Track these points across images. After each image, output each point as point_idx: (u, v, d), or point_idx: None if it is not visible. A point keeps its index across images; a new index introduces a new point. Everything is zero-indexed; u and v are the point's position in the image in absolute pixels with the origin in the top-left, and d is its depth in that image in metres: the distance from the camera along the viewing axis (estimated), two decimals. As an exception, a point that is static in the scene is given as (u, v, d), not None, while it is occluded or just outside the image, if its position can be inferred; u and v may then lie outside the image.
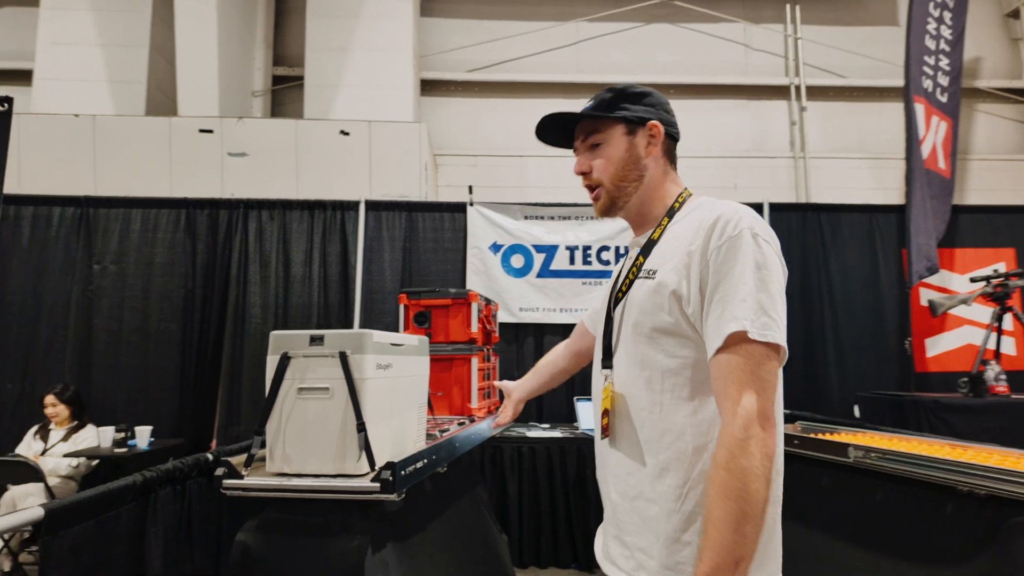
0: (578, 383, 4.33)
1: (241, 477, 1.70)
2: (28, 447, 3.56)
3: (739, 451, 0.86)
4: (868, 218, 4.55)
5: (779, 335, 0.91)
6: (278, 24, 5.61)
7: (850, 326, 4.37)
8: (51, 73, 4.74)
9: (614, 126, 1.12)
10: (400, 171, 4.42)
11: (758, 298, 0.91)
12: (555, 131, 1.18)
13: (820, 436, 2.62)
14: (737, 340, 0.90)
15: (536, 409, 4.36)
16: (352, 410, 1.65)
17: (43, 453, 3.51)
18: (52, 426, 3.62)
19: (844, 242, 4.50)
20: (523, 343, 4.39)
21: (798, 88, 5.92)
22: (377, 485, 1.57)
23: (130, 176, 4.36)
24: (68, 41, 4.78)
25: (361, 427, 1.65)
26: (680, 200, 1.11)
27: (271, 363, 1.72)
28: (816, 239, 4.50)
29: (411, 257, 4.30)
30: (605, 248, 4.39)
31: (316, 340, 1.72)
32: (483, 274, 4.31)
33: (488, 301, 3.17)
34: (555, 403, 4.33)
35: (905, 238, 4.42)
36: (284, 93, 5.51)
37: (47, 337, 4.08)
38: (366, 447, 1.65)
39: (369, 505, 1.67)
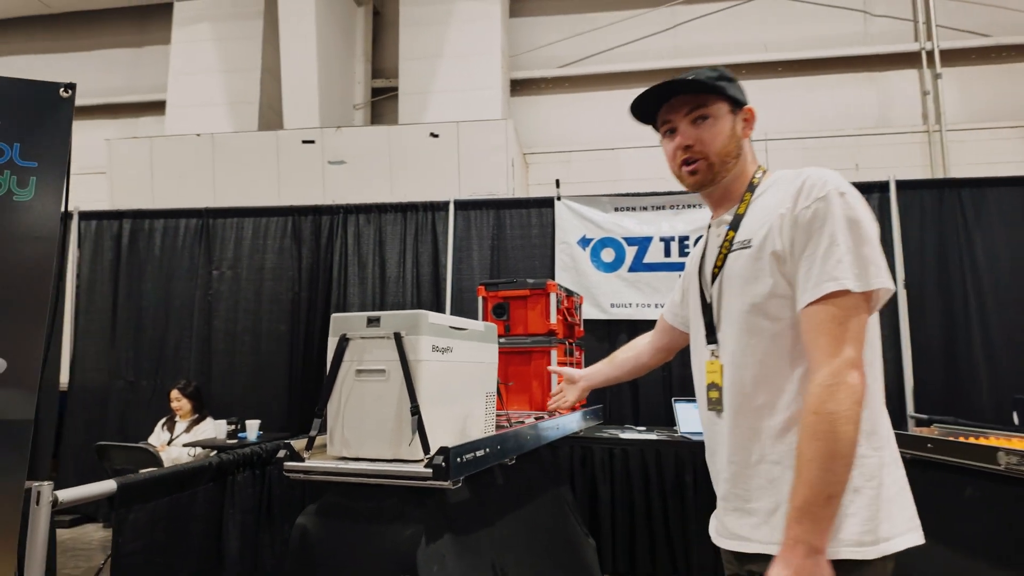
0: (676, 385, 4.06)
1: (302, 460, 1.71)
2: (157, 437, 3.91)
3: (828, 396, 0.91)
4: (1021, 193, 3.89)
5: (884, 279, 0.96)
6: (376, 39, 5.86)
7: (1001, 318, 3.75)
8: (180, 100, 5.26)
9: (721, 103, 1.15)
10: (488, 169, 4.41)
11: (858, 253, 0.95)
12: (652, 103, 1.18)
13: (963, 440, 2.23)
14: (832, 295, 0.94)
15: (632, 411, 4.14)
16: (407, 393, 1.61)
17: (169, 443, 3.83)
18: (177, 418, 3.96)
19: (991, 222, 3.87)
20: (615, 341, 4.19)
21: (930, 53, 5.23)
22: (429, 471, 1.50)
23: (244, 187, 4.71)
24: (193, 70, 5.27)
25: (415, 410, 1.59)
26: (757, 177, 1.17)
27: (331, 345, 1.72)
28: (956, 219, 3.91)
29: (499, 255, 4.26)
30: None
31: (373, 321, 1.70)
32: (572, 270, 4.18)
33: (570, 293, 3.04)
34: (652, 405, 4.09)
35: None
36: (383, 104, 5.73)
37: (175, 338, 4.48)
38: (420, 431, 1.59)
39: (425, 493, 1.61)
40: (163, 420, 4.00)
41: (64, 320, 4.56)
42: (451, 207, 4.30)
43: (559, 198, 4.24)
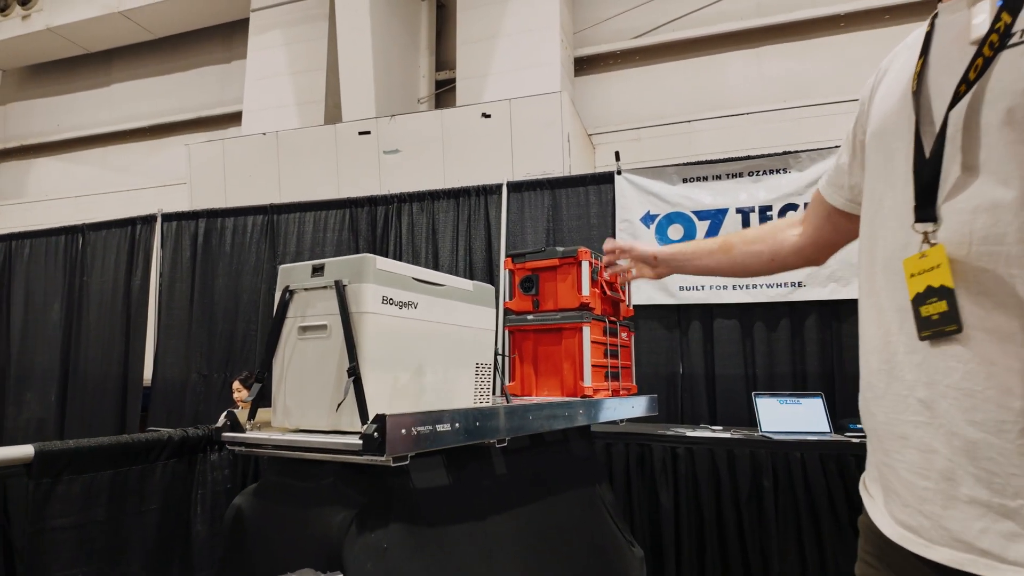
0: (762, 379, 3.51)
1: (243, 431, 1.49)
2: (218, 427, 3.96)
3: None
4: None
5: None
6: (440, 31, 5.77)
7: None
8: (254, 105, 5.45)
9: None
10: (542, 148, 4.11)
11: None
12: None
13: None
14: None
15: (709, 407, 3.63)
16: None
17: (227, 432, 3.86)
18: (239, 409, 3.99)
19: None
20: (687, 329, 3.71)
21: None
22: (358, 443, 1.22)
23: (306, 182, 4.75)
24: (266, 75, 5.45)
25: (352, 371, 1.32)
26: None
27: (277, 300, 1.50)
28: None
29: (554, 237, 3.93)
30: (792, 207, 3.52)
31: (317, 270, 1.46)
32: (635, 250, 3.76)
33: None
34: (732, 403, 3.56)
35: None
36: (446, 96, 5.61)
37: (243, 331, 4.57)
38: (358, 396, 1.32)
39: (366, 471, 1.33)
40: (226, 412, 4.05)
41: (148, 317, 4.81)
42: (504, 190, 4.04)
43: (619, 172, 3.85)
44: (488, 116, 4.21)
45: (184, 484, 1.75)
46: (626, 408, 2.42)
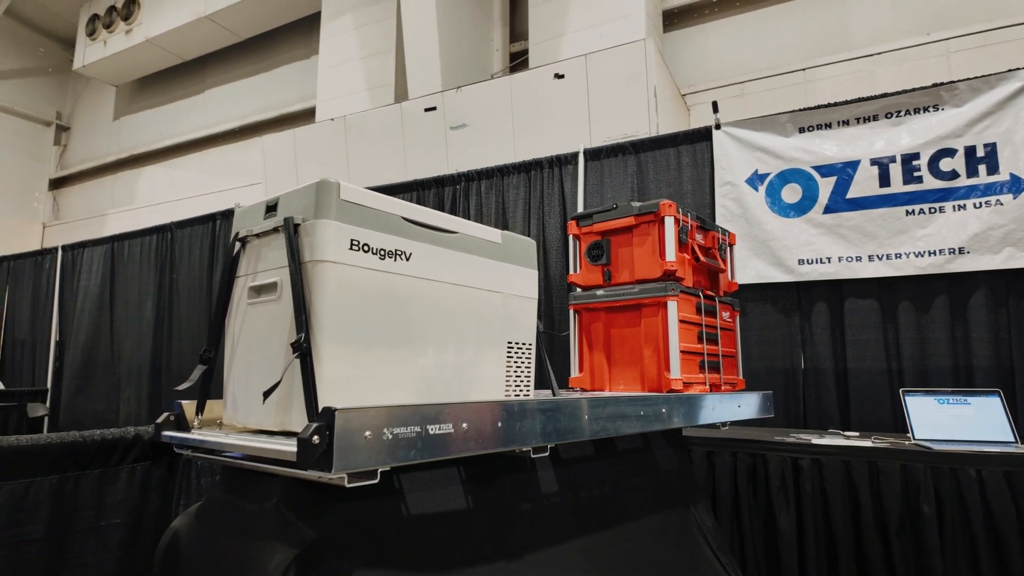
0: (909, 373, 2.77)
1: (187, 429, 1.13)
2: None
3: None
4: None
5: None
6: (515, 2, 5.35)
7: None
8: (327, 94, 5.31)
9: None
10: (624, 107, 3.56)
11: None
12: None
13: None
14: None
15: (840, 409, 2.92)
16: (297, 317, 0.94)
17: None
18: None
19: None
20: (809, 311, 3.02)
21: None
22: (291, 449, 0.81)
23: (373, 165, 4.50)
24: (339, 63, 5.29)
25: (299, 345, 0.91)
26: None
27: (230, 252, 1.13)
28: None
29: (641, 207, 3.37)
30: (947, 153, 2.75)
31: (271, 209, 1.06)
32: (739, 218, 3.13)
33: (706, 224, 2.09)
34: (870, 402, 2.85)
35: None
36: (520, 68, 5.18)
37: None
38: (305, 383, 0.91)
39: (318, 490, 0.91)
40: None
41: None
42: (580, 158, 3.54)
43: (718, 126, 3.23)
44: (561, 76, 3.72)
45: (162, 493, 1.42)
46: (730, 408, 1.86)
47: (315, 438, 0.78)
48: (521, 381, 1.27)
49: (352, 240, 0.98)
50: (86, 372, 5.69)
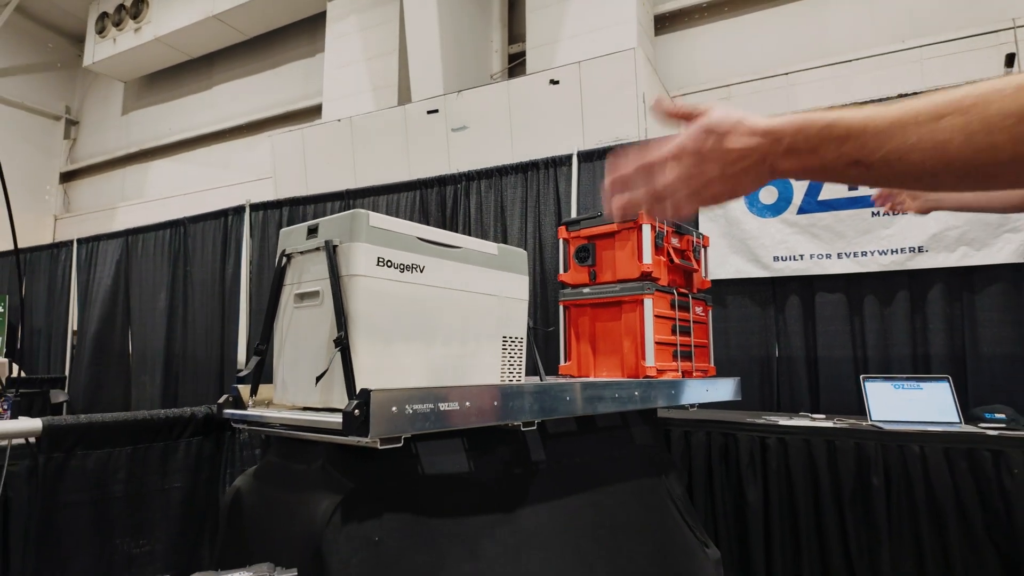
0: (873, 359, 3.03)
1: (244, 407, 1.39)
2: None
3: None
4: None
5: None
6: (513, 3, 5.55)
7: None
8: (333, 93, 5.53)
9: None
10: (615, 112, 3.80)
11: None
12: None
13: None
14: None
15: (811, 394, 3.19)
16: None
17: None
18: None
19: None
20: (783, 304, 3.28)
21: None
22: (337, 420, 1.07)
23: (378, 165, 4.73)
24: (343, 64, 5.50)
25: (340, 341, 1.17)
26: None
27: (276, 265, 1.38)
28: None
29: (629, 207, 3.62)
30: (908, 162, 2.99)
31: (312, 232, 1.32)
32: (720, 218, 3.38)
33: (682, 229, 2.34)
34: (837, 389, 3.12)
35: None
36: (518, 69, 5.39)
37: (323, 316, 4.64)
38: (346, 369, 1.17)
39: (356, 454, 1.18)
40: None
41: (241, 303, 5.03)
42: (574, 160, 3.78)
43: (700, 132, 3.46)
44: (556, 82, 3.95)
45: (212, 463, 1.69)
46: (697, 391, 2.13)
47: (356, 412, 1.04)
48: (514, 368, 1.54)
49: (379, 258, 1.24)
50: (101, 360, 5.96)
